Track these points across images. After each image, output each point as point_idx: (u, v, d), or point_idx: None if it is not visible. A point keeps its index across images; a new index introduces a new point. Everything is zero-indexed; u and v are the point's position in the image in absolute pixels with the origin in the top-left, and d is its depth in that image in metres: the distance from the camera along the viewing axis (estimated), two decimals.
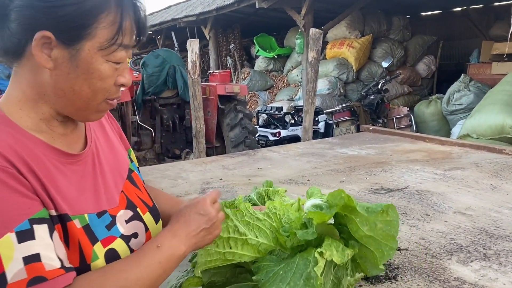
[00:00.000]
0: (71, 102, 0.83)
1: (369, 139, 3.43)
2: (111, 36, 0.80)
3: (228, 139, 5.01)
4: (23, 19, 0.77)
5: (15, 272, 0.69)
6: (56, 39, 0.77)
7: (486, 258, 1.40)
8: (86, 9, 0.78)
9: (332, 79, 8.27)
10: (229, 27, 11.84)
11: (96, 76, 0.82)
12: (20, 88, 0.83)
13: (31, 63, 0.80)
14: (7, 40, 0.79)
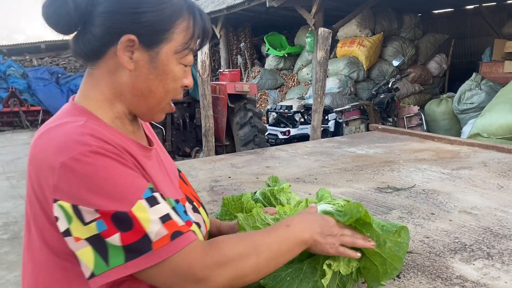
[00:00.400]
0: (145, 101, 0.91)
1: (378, 138, 3.44)
2: (185, 41, 0.90)
3: (237, 137, 5.05)
4: (111, 23, 0.85)
5: (157, 231, 0.77)
6: (139, 42, 0.86)
7: (489, 257, 1.41)
8: (166, 16, 0.87)
9: (342, 78, 8.26)
10: (240, 26, 11.89)
11: (170, 77, 0.90)
12: (98, 88, 0.90)
13: (109, 65, 0.88)
14: (88, 43, 0.87)
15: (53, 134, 0.82)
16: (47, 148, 0.80)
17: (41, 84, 14.00)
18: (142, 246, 0.76)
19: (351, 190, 2.16)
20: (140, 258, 0.75)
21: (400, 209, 1.86)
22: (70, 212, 0.75)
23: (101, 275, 0.75)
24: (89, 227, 0.75)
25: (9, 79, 13.80)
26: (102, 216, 0.75)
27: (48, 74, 14.52)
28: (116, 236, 0.75)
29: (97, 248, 0.75)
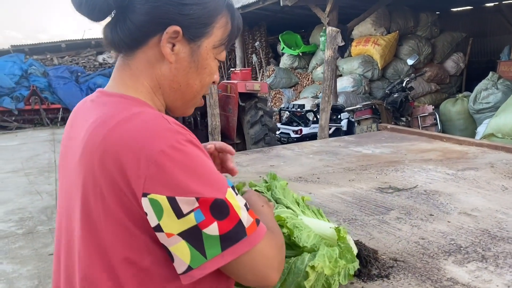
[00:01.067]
0: (183, 95, 0.91)
1: (386, 138, 3.40)
2: (223, 37, 0.92)
3: (248, 136, 5.06)
4: (157, 13, 0.83)
5: (246, 217, 0.77)
6: (183, 34, 0.85)
7: (483, 259, 1.39)
8: (210, 10, 0.88)
9: (356, 77, 8.20)
10: (256, 25, 11.90)
11: (207, 71, 0.92)
12: (138, 80, 0.87)
13: (148, 55, 0.86)
14: (128, 32, 0.85)
15: (132, 125, 0.76)
16: (132, 139, 0.74)
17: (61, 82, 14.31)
18: (238, 233, 0.75)
19: (352, 190, 2.15)
20: (236, 245, 0.74)
21: (399, 209, 1.85)
22: (165, 205, 0.71)
23: (199, 267, 0.73)
24: (185, 220, 0.71)
25: (31, 77, 14.13)
26: (201, 206, 0.72)
27: (68, 72, 14.84)
28: (213, 226, 0.72)
29: (192, 241, 0.72)
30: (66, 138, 0.95)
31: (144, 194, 0.71)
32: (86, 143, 0.78)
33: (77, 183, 0.80)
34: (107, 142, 0.75)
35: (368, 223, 1.72)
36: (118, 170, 0.73)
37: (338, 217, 1.79)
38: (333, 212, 1.85)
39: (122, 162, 0.73)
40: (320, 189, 2.18)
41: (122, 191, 0.73)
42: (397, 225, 1.69)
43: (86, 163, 0.77)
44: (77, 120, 0.91)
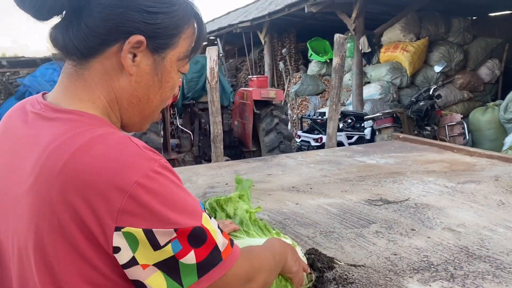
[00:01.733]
0: (142, 110, 0.83)
1: (396, 148, 3.31)
2: (188, 48, 0.84)
3: (263, 143, 5.05)
4: (119, 20, 0.74)
5: (221, 241, 0.75)
6: (147, 45, 0.77)
7: (451, 278, 1.32)
8: (177, 19, 0.80)
9: (384, 84, 8.03)
10: (285, 31, 11.88)
11: (169, 85, 0.84)
12: (93, 93, 0.78)
13: (105, 66, 0.77)
14: (82, 38, 0.75)
15: (99, 151, 0.68)
16: (101, 168, 0.67)
17: None
18: (214, 258, 0.73)
19: (341, 201, 2.10)
20: (212, 270, 0.72)
21: (381, 223, 1.79)
22: (141, 238, 0.66)
23: None
24: (162, 251, 0.68)
25: None
26: (178, 236, 0.68)
27: None
28: (190, 255, 0.70)
29: (168, 272, 0.69)
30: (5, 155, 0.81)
31: (117, 228, 0.66)
32: (41, 169, 0.69)
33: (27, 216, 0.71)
34: (69, 171, 0.67)
35: (345, 236, 1.67)
36: (84, 204, 0.66)
37: (315, 229, 1.75)
38: (312, 223, 1.81)
39: (89, 195, 0.66)
40: (308, 200, 2.14)
41: (86, 226, 0.67)
42: (374, 239, 1.63)
43: (41, 193, 0.68)
44: (18, 134, 0.80)
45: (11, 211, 0.75)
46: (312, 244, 1.59)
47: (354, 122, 6.56)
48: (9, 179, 0.77)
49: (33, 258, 0.70)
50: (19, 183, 0.73)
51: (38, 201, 0.68)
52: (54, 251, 0.69)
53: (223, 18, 14.87)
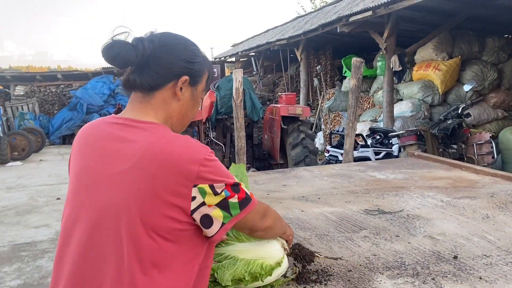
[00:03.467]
0: (183, 122, 1.31)
1: (408, 164, 3.51)
2: (206, 84, 1.33)
3: (290, 157, 5.32)
4: (174, 67, 1.21)
5: (248, 192, 1.21)
6: (189, 81, 1.24)
7: (415, 275, 1.55)
8: (202, 66, 1.28)
9: (416, 102, 8.12)
10: (321, 48, 12.15)
11: (197, 106, 1.33)
12: (157, 112, 1.22)
13: (164, 95, 1.22)
14: (152, 78, 1.20)
15: (181, 142, 1.13)
16: (184, 151, 1.11)
17: None
18: (247, 199, 1.19)
19: (341, 210, 2.35)
20: (247, 206, 1.19)
21: (371, 229, 2.03)
22: (207, 190, 1.11)
23: (229, 222, 1.17)
24: (219, 196, 1.13)
25: (117, 96, 15.51)
26: (226, 187, 1.14)
27: None
28: (234, 197, 1.16)
29: (223, 208, 1.15)
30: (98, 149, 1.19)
31: (195, 185, 1.10)
32: (144, 153, 1.10)
33: (127, 184, 1.09)
34: (164, 154, 1.09)
35: (336, 239, 1.93)
36: (174, 174, 1.08)
37: (312, 232, 2.01)
38: (311, 228, 2.08)
39: (177, 168, 1.09)
40: (313, 208, 2.41)
41: (173, 188, 1.08)
42: (360, 242, 1.88)
43: (143, 169, 1.08)
44: (110, 136, 1.18)
45: (106, 185, 1.14)
46: (306, 244, 1.85)
47: (383, 139, 6.71)
48: (107, 164, 1.15)
49: (133, 213, 1.08)
50: (115, 166, 1.13)
51: (141, 174, 1.09)
52: (150, 205, 1.08)
53: (262, 36, 15.33)
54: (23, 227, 5.74)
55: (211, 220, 1.15)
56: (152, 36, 1.22)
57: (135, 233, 1.09)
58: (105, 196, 1.13)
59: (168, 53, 1.21)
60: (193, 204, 1.12)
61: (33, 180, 8.68)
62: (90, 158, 1.20)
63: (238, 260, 1.42)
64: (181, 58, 1.22)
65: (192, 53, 1.25)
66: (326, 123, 10.12)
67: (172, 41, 1.24)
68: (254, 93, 5.49)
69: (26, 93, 15.84)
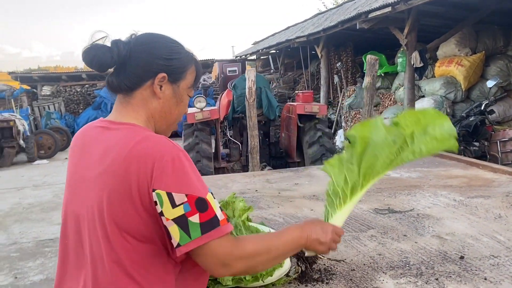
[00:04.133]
0: (166, 120, 1.25)
1: (424, 163, 3.46)
2: (192, 79, 1.27)
3: (307, 155, 5.30)
4: (150, 65, 1.17)
5: (220, 213, 1.06)
6: (168, 79, 1.19)
7: (418, 275, 1.54)
8: (183, 61, 1.23)
9: (438, 98, 7.95)
10: (342, 45, 12.03)
11: (183, 104, 1.27)
12: (138, 112, 1.19)
13: (143, 95, 1.19)
14: (129, 78, 1.17)
15: (147, 144, 1.07)
16: (149, 150, 1.05)
17: None
18: (213, 223, 1.04)
19: None
20: (211, 231, 1.03)
21: (379, 229, 2.02)
22: (164, 198, 1.01)
23: (185, 245, 1.02)
24: (177, 209, 1.01)
25: None
26: (188, 200, 1.02)
27: None
28: (196, 216, 1.02)
29: (181, 226, 1.01)
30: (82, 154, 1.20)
31: (153, 189, 1.03)
32: (115, 155, 1.07)
33: (98, 188, 1.08)
34: (134, 152, 1.05)
35: (342, 238, 1.92)
36: (139, 174, 1.04)
37: None
38: None
39: (142, 168, 1.03)
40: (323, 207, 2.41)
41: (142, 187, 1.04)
42: (366, 241, 1.88)
43: (115, 169, 1.06)
44: (92, 140, 1.19)
45: (85, 189, 1.13)
46: None
47: None
48: (85, 167, 1.16)
49: (106, 215, 1.06)
50: (92, 169, 1.12)
51: (111, 176, 1.06)
52: (121, 207, 1.05)
53: (282, 33, 15.27)
54: (47, 223, 5.90)
55: (170, 234, 1.05)
56: (130, 37, 1.21)
57: (111, 235, 1.07)
58: (83, 199, 1.14)
59: (143, 52, 1.18)
60: (157, 208, 1.04)
61: (58, 178, 8.91)
62: (75, 162, 1.22)
63: None
64: (157, 55, 1.19)
65: (169, 50, 1.21)
66: (347, 121, 10.03)
67: (148, 40, 1.21)
68: (271, 91, 5.50)
69: (52, 93, 16.26)
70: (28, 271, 4.48)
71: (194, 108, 5.28)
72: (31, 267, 4.59)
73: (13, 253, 4.99)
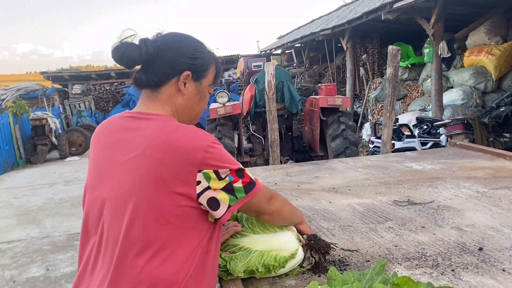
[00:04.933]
0: (189, 115, 1.37)
1: (449, 154, 3.38)
2: (213, 77, 1.39)
3: (330, 149, 5.27)
4: (175, 64, 1.28)
5: (253, 177, 1.30)
6: (192, 76, 1.31)
7: (434, 266, 1.52)
8: (206, 60, 1.34)
9: (467, 89, 7.75)
10: (368, 37, 11.86)
11: (204, 100, 1.39)
12: (164, 107, 1.30)
13: (169, 91, 1.30)
14: (156, 75, 1.28)
15: (186, 130, 1.20)
16: (189, 138, 1.18)
17: None
18: (251, 184, 1.28)
19: (370, 201, 2.32)
20: (252, 190, 1.28)
21: (396, 220, 2.00)
22: (212, 175, 1.18)
23: (235, 204, 1.24)
24: (223, 181, 1.20)
25: None
26: (231, 172, 1.21)
27: None
28: (239, 182, 1.23)
29: (228, 191, 1.22)
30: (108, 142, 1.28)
31: (199, 170, 1.17)
32: (149, 143, 1.17)
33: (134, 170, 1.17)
34: (168, 142, 1.16)
35: (359, 230, 1.92)
36: (177, 160, 1.15)
37: (336, 223, 2.02)
38: (336, 219, 2.08)
39: (181, 155, 1.16)
40: (341, 199, 2.40)
41: (177, 173, 1.15)
42: (383, 233, 1.86)
43: (150, 155, 1.16)
44: (122, 128, 1.27)
45: (116, 172, 1.22)
46: (328, 234, 1.87)
47: (430, 128, 6.48)
48: (117, 152, 1.24)
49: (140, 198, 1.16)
50: (125, 154, 1.21)
51: (147, 160, 1.16)
52: (154, 190, 1.16)
53: (307, 27, 15.17)
54: (77, 218, 6.09)
55: (218, 202, 1.21)
56: (157, 36, 1.30)
57: (142, 218, 1.15)
58: (115, 183, 1.21)
59: (170, 50, 1.27)
60: (198, 188, 1.18)
61: None
62: (103, 149, 1.29)
63: (251, 252, 1.46)
64: (183, 54, 1.28)
65: (193, 50, 1.31)
66: (373, 114, 9.89)
67: (173, 39, 1.30)
68: (293, 85, 5.48)
69: (82, 91, 16.70)
70: (59, 263, 4.66)
71: (217, 103, 5.32)
72: (62, 259, 4.77)
73: (45, 246, 5.20)
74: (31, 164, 11.20)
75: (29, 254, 4.95)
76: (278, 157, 4.30)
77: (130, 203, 1.16)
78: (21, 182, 9.08)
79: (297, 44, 15.24)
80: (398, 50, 3.70)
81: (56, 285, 4.17)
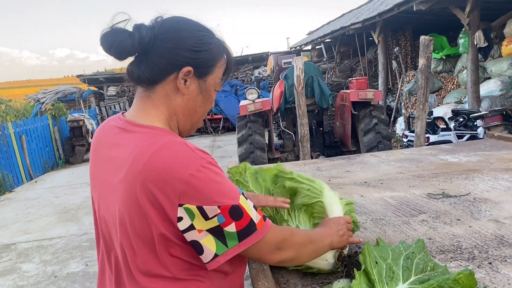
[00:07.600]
0: (191, 119, 1.12)
1: (486, 146, 3.27)
2: (222, 73, 1.14)
3: (362, 143, 5.19)
4: (174, 57, 1.03)
5: (255, 215, 1.02)
6: (194, 73, 1.06)
7: (470, 259, 1.47)
8: (213, 54, 1.09)
9: (505, 79, 7.46)
10: (400, 29, 11.59)
11: (209, 101, 1.14)
12: (159, 109, 1.07)
13: (166, 89, 1.06)
14: (150, 70, 1.04)
15: (165, 155, 0.95)
16: (169, 164, 0.94)
17: (223, 95, 15.99)
18: (250, 228, 0.99)
19: (403, 194, 2.28)
20: (250, 236, 0.99)
21: (430, 213, 1.95)
22: (195, 212, 0.94)
23: (223, 254, 0.98)
24: (210, 221, 0.95)
25: None
26: (222, 211, 0.95)
27: (229, 86, 16.48)
28: (232, 225, 0.96)
29: (217, 236, 0.97)
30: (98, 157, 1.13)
31: (180, 204, 0.94)
32: (129, 167, 0.97)
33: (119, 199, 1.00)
34: (147, 168, 0.94)
35: (391, 223, 1.88)
36: (158, 189, 0.93)
37: (368, 216, 1.99)
38: (368, 212, 2.05)
39: (161, 183, 0.93)
40: (373, 193, 2.36)
41: (159, 204, 0.94)
42: (416, 226, 1.82)
43: (129, 183, 0.97)
44: (107, 144, 1.10)
45: (110, 194, 1.06)
46: (360, 228, 1.85)
47: (467, 121, 6.28)
48: (108, 172, 1.08)
49: (119, 227, 1.02)
50: (114, 175, 1.04)
51: (127, 188, 0.98)
52: (132, 222, 0.99)
53: (337, 21, 15.00)
54: None
55: (201, 248, 0.98)
56: (154, 22, 1.06)
57: (132, 243, 1.01)
58: (108, 205, 1.08)
59: (168, 40, 1.03)
60: (180, 225, 0.96)
61: None
62: (96, 165, 1.15)
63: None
64: (184, 46, 1.04)
65: (198, 40, 1.05)
66: (407, 107, 9.67)
67: (174, 27, 1.05)
68: (323, 80, 5.43)
69: (117, 93, 17.12)
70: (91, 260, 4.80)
71: (247, 100, 5.33)
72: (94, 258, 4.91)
73: (84, 242, 5.37)
74: (70, 164, 11.59)
75: (69, 250, 5.13)
76: (308, 152, 4.27)
77: (121, 228, 1.03)
78: (61, 181, 9.42)
79: (327, 39, 15.08)
80: (430, 40, 3.60)
81: (94, 280, 4.30)
